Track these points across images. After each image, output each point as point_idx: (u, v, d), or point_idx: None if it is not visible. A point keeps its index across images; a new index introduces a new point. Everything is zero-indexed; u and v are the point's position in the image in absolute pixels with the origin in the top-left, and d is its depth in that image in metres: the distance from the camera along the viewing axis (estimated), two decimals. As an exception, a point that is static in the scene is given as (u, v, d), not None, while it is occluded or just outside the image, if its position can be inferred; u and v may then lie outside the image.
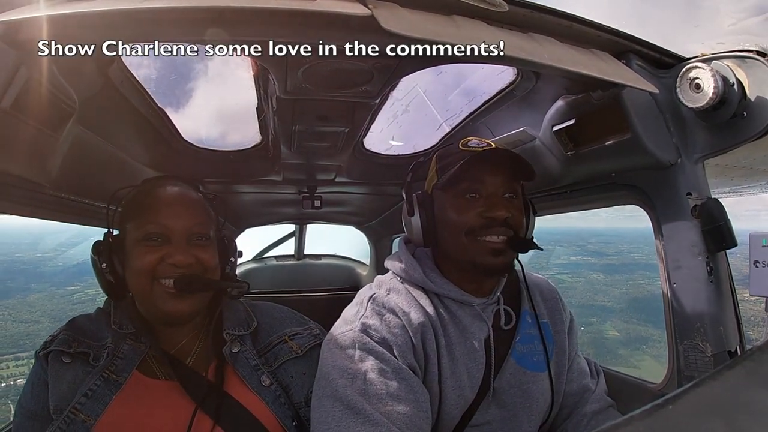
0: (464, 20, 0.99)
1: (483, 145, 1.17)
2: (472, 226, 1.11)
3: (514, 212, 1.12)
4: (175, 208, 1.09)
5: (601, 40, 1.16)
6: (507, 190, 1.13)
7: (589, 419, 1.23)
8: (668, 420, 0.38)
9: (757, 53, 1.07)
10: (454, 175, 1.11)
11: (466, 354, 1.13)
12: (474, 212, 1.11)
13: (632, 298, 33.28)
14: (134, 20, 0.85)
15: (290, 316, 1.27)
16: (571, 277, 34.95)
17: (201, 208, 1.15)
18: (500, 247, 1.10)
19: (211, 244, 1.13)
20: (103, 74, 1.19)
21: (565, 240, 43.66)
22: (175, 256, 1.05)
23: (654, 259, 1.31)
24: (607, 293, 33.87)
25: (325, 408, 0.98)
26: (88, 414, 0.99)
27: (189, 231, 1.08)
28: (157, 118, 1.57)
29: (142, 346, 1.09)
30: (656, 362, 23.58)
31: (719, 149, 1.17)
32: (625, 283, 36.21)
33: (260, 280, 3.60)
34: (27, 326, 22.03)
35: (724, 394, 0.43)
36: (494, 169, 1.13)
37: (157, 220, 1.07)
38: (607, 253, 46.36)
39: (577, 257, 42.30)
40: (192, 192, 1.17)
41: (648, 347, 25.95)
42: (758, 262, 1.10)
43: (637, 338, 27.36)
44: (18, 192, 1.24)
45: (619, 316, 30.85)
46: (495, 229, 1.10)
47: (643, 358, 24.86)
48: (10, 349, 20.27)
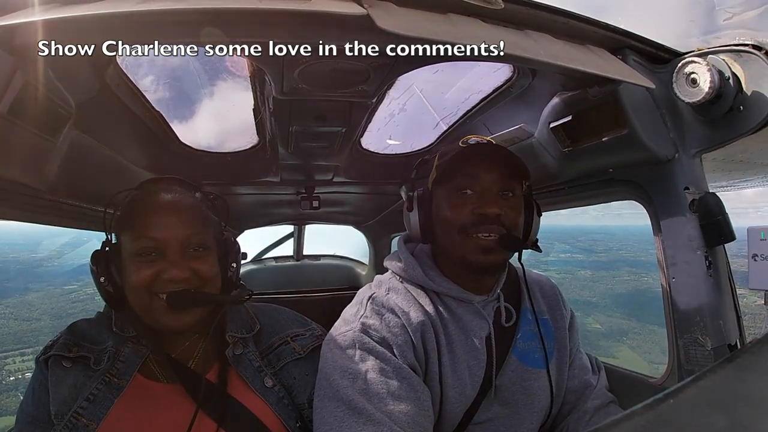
0: (460, 18, 0.99)
1: (483, 142, 1.17)
2: (464, 223, 1.11)
3: (507, 210, 1.11)
4: (168, 219, 1.05)
5: (597, 36, 1.16)
6: (502, 187, 1.13)
7: (591, 415, 1.23)
8: (669, 414, 0.38)
9: (753, 47, 1.07)
10: (447, 169, 1.11)
11: (467, 352, 1.13)
12: (467, 209, 1.11)
13: (616, 293, 34.79)
14: (131, 23, 0.84)
15: (292, 318, 1.27)
16: (558, 273, 35.60)
17: (197, 215, 1.11)
18: (490, 245, 1.10)
19: (209, 253, 1.10)
20: (99, 78, 1.19)
21: (555, 237, 44.09)
22: (170, 272, 1.02)
23: (640, 256, 1.33)
24: (593, 289, 35.14)
25: (327, 409, 0.98)
26: (90, 419, 0.98)
27: (184, 242, 1.05)
28: (154, 121, 1.56)
29: (144, 349, 1.09)
30: (632, 352, 26.31)
31: (716, 143, 1.17)
32: (611, 279, 37.53)
33: (260, 281, 3.59)
34: (29, 324, 22.84)
35: (725, 387, 0.43)
36: (488, 165, 1.12)
37: (149, 234, 1.03)
38: (596, 250, 47.19)
39: (566, 254, 42.91)
40: (187, 197, 1.13)
41: (627, 339, 28.13)
42: (757, 256, 1.10)
43: (617, 331, 29.18)
44: (16, 197, 1.24)
45: (602, 310, 32.36)
46: (486, 227, 1.10)
47: (621, 348, 26.90)
48: (15, 345, 21.39)
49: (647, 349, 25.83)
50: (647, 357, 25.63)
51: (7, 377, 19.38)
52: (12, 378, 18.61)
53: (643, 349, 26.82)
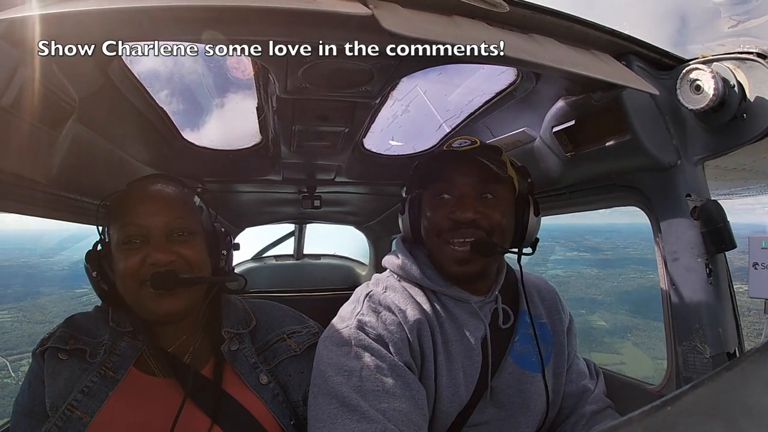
0: (465, 20, 0.99)
1: (465, 144, 1.15)
2: (441, 228, 1.12)
3: (487, 212, 1.11)
4: (151, 206, 1.07)
5: (602, 41, 1.16)
6: (481, 190, 1.12)
7: (587, 420, 1.23)
8: (666, 421, 0.37)
9: (758, 55, 1.07)
10: (424, 174, 1.11)
11: (462, 352, 1.12)
12: (443, 213, 1.11)
13: (622, 290, 35.10)
14: (134, 19, 0.85)
15: (289, 315, 1.27)
16: (565, 272, 36.02)
17: (180, 202, 1.13)
18: (464, 256, 1.10)
19: (195, 238, 1.11)
20: (102, 73, 1.19)
21: (563, 237, 44.34)
22: (154, 256, 1.03)
23: (646, 254, 1.33)
24: (599, 287, 35.61)
25: (321, 405, 0.98)
26: (84, 411, 0.99)
27: (167, 227, 1.06)
28: (157, 117, 1.57)
29: (140, 343, 1.09)
30: (635, 348, 26.59)
31: (719, 151, 1.17)
32: (618, 277, 37.94)
33: (259, 279, 3.59)
34: (42, 327, 23.47)
35: (723, 395, 0.43)
36: (465, 170, 1.12)
37: (134, 221, 1.05)
38: (603, 248, 47.56)
39: (573, 253, 43.20)
40: (170, 187, 1.15)
41: (631, 335, 28.29)
42: (757, 264, 1.10)
43: (622, 327, 29.47)
44: (18, 190, 1.24)
45: (607, 307, 32.69)
46: (461, 231, 1.10)
47: (625, 345, 27.18)
48: (29, 348, 21.72)
49: (651, 345, 26.30)
50: (651, 353, 26.12)
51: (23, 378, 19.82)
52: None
53: (647, 345, 27.10)
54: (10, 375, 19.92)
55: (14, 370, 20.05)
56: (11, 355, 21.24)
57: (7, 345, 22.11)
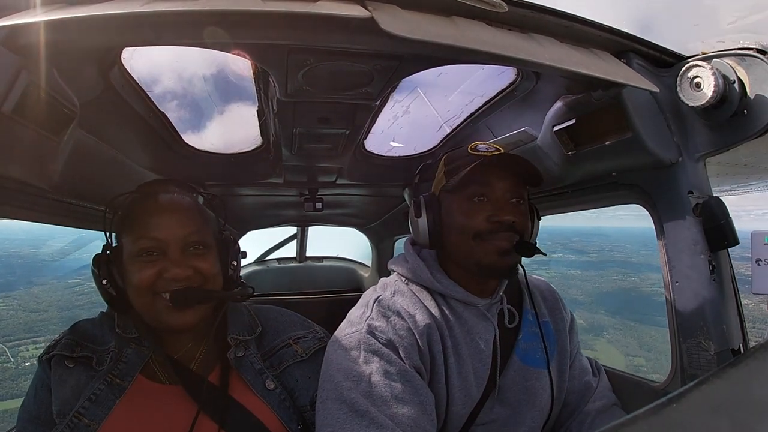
0: (464, 21, 0.99)
1: (491, 149, 1.18)
2: (480, 230, 1.12)
3: (520, 217, 1.13)
4: (168, 219, 1.07)
5: (601, 39, 1.16)
6: (514, 194, 1.15)
7: (593, 417, 1.24)
8: (673, 419, 0.37)
9: (757, 51, 1.07)
10: (463, 178, 1.11)
11: (472, 354, 1.13)
12: (481, 216, 1.12)
13: (602, 292, 36.91)
14: (135, 24, 0.85)
15: (295, 320, 1.27)
16: (548, 272, 36.80)
17: (196, 214, 1.13)
18: (507, 247, 1.11)
19: (209, 251, 1.11)
20: (103, 78, 1.19)
21: (548, 238, 44.75)
22: (172, 270, 1.03)
23: (630, 257, 1.33)
24: (580, 288, 36.78)
25: (330, 410, 0.98)
26: (91, 419, 0.99)
27: (184, 241, 1.07)
28: (158, 122, 1.57)
29: (146, 350, 1.09)
30: (609, 345, 29.24)
31: (720, 147, 1.17)
32: (599, 278, 38.29)
33: (262, 282, 3.60)
34: (37, 315, 24.92)
35: (728, 392, 0.43)
36: (502, 174, 1.14)
37: (150, 234, 1.05)
38: (588, 251, 47.97)
39: (558, 254, 43.47)
40: (186, 197, 1.15)
41: (606, 333, 31.04)
42: (760, 260, 1.09)
43: (598, 326, 31.87)
44: (20, 196, 1.24)
45: (586, 307, 34.59)
46: (502, 234, 1.11)
47: (598, 341, 29.62)
48: (27, 334, 23.99)
49: (625, 343, 27.16)
50: (624, 350, 26.94)
51: (22, 363, 22.37)
52: (27, 363, 21.40)
53: (621, 343, 28.40)
54: (9, 360, 21.85)
55: (13, 356, 21.81)
56: (9, 341, 23.21)
57: (4, 332, 23.65)
